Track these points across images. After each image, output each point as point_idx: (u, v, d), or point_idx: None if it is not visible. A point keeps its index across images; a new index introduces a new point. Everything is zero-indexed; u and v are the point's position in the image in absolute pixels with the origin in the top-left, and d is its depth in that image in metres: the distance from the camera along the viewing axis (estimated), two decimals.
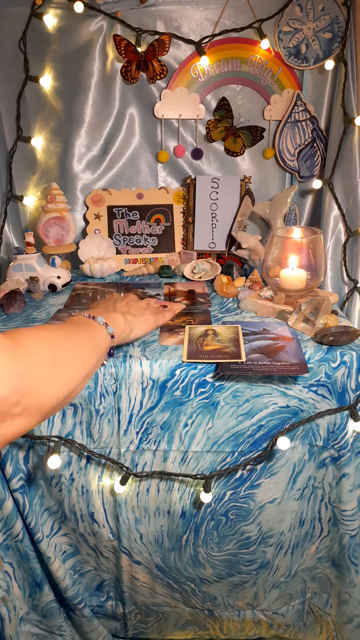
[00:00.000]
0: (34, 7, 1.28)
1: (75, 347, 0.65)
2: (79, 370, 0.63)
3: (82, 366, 0.64)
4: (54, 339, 0.61)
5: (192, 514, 1.03)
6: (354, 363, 0.93)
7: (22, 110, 1.37)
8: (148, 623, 1.19)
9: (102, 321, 0.74)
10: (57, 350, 0.60)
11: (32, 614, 1.12)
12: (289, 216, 1.45)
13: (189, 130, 1.43)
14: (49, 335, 0.61)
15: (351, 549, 1.03)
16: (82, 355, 0.66)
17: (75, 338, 0.67)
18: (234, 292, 1.22)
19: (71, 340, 0.66)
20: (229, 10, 1.32)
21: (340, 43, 1.30)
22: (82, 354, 0.66)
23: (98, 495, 1.02)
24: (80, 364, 0.64)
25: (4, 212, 1.41)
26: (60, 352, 0.60)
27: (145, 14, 1.32)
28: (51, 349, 0.59)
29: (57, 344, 0.61)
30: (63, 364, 0.60)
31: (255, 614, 1.16)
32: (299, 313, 1.03)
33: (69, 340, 0.65)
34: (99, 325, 0.74)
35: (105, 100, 1.38)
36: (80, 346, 0.67)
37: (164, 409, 0.95)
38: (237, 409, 0.95)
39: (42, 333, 0.60)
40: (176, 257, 1.45)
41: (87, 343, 0.69)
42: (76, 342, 0.67)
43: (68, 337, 0.65)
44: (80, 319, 0.74)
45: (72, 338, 0.67)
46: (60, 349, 0.61)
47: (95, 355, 0.69)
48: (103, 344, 0.73)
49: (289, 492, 1.01)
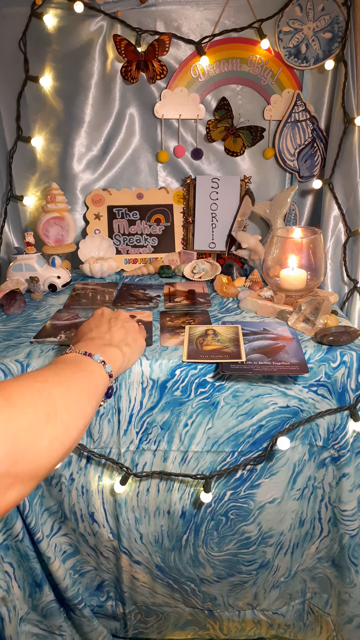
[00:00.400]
0: (34, 7, 1.28)
1: (71, 396, 0.57)
2: (77, 422, 0.56)
3: (80, 417, 0.57)
4: (47, 389, 0.54)
5: (192, 514, 1.03)
6: (354, 363, 0.93)
7: (22, 110, 1.37)
8: (148, 623, 1.19)
9: (100, 359, 0.67)
10: (52, 403, 0.53)
11: (32, 614, 1.12)
12: (289, 216, 1.45)
13: (189, 130, 1.43)
14: (43, 386, 0.53)
15: (351, 549, 1.03)
16: (79, 404, 0.58)
17: (70, 384, 0.59)
18: (234, 292, 1.22)
19: (66, 387, 0.58)
20: (229, 10, 1.32)
21: (340, 43, 1.30)
22: (79, 403, 0.58)
23: (98, 495, 1.02)
24: (78, 415, 0.57)
25: (4, 212, 1.41)
26: (56, 405, 0.53)
27: (145, 14, 1.32)
28: (45, 401, 0.52)
29: (51, 395, 0.53)
30: (59, 419, 0.53)
31: (255, 614, 1.16)
32: (299, 313, 1.03)
33: (64, 388, 0.57)
34: (96, 364, 0.66)
35: (105, 100, 1.38)
36: (76, 394, 0.59)
37: (164, 409, 0.95)
38: (237, 409, 0.95)
39: (36, 384, 0.53)
40: (176, 257, 1.45)
41: (84, 387, 0.61)
42: (72, 390, 0.58)
43: (62, 384, 0.57)
44: (74, 358, 0.65)
45: (67, 384, 0.58)
46: (55, 400, 0.53)
47: (93, 399, 0.62)
48: (101, 385, 0.65)
49: (289, 492, 1.01)
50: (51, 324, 1.08)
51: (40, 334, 1.03)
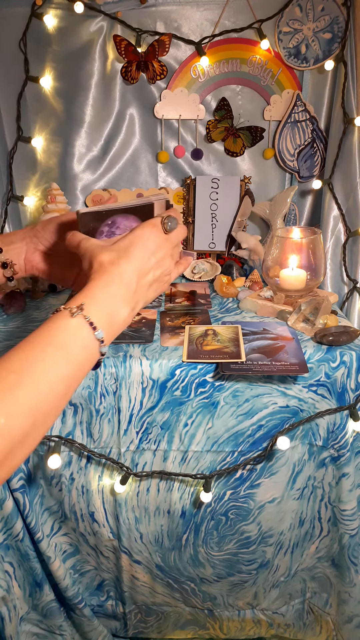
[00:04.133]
0: (34, 7, 1.28)
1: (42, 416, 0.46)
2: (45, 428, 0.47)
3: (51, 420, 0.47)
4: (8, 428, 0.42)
5: (192, 514, 1.03)
6: (353, 363, 0.93)
7: (22, 111, 1.37)
8: (148, 623, 1.19)
9: (101, 336, 0.51)
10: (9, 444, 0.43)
11: (32, 614, 1.12)
12: (288, 216, 1.45)
13: (189, 130, 1.43)
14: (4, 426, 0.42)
15: (351, 549, 1.04)
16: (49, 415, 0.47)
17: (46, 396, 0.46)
18: (234, 292, 1.22)
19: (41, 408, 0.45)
20: (229, 11, 1.32)
21: (340, 43, 1.30)
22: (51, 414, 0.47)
23: (98, 495, 1.02)
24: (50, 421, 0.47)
25: (4, 212, 1.41)
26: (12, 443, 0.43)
27: (145, 14, 1.32)
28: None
29: (11, 435, 0.43)
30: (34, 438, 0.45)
31: (255, 613, 1.16)
32: (299, 313, 1.04)
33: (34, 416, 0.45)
34: (93, 341, 0.50)
35: (105, 101, 1.38)
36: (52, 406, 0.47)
37: (164, 409, 0.95)
38: (237, 409, 0.95)
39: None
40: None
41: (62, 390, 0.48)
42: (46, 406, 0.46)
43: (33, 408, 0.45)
44: (63, 337, 0.49)
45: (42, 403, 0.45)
46: (14, 438, 0.43)
47: (73, 387, 0.49)
48: (87, 366, 0.51)
49: (288, 491, 1.01)
50: None
51: None
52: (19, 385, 0.44)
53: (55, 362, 0.47)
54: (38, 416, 0.45)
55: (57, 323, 0.49)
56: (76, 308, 0.50)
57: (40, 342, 0.48)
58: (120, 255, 0.56)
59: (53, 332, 0.49)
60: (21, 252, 0.68)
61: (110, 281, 0.54)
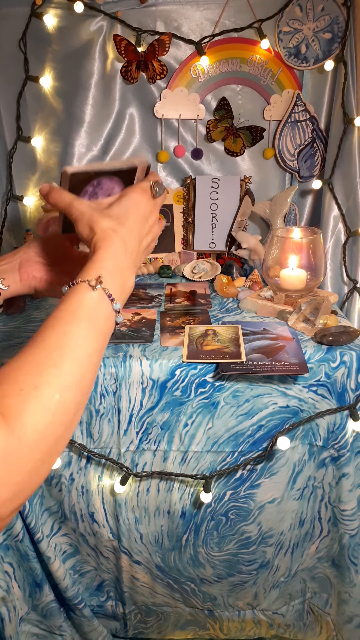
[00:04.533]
0: (34, 7, 1.28)
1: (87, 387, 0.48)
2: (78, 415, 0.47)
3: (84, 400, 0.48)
4: (65, 403, 0.44)
5: (192, 514, 1.03)
6: (353, 363, 0.93)
7: (22, 110, 1.37)
8: (148, 623, 1.19)
9: (118, 308, 0.52)
10: (66, 421, 0.44)
11: (32, 614, 1.12)
12: (289, 216, 1.45)
13: (189, 130, 1.43)
14: (62, 402, 0.43)
15: (351, 549, 1.04)
16: (89, 387, 0.48)
17: (87, 367, 0.47)
18: (234, 292, 1.22)
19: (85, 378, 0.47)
20: (229, 10, 1.32)
21: (340, 43, 1.30)
22: (90, 386, 0.48)
23: (98, 495, 1.02)
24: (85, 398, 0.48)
25: (4, 212, 1.41)
26: (68, 419, 0.44)
27: (145, 14, 1.32)
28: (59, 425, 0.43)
29: (67, 411, 0.44)
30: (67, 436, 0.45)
31: (255, 614, 1.16)
32: (299, 313, 1.03)
33: (82, 384, 0.46)
34: (111, 312, 0.51)
35: (105, 100, 1.38)
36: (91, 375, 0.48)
37: (164, 409, 0.95)
38: (237, 409, 0.95)
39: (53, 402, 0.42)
40: (176, 257, 1.45)
41: (97, 361, 0.49)
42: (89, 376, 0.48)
43: (80, 379, 0.46)
44: (89, 309, 0.49)
45: (85, 373, 0.47)
46: (69, 413, 0.44)
47: (101, 358, 0.51)
48: (108, 338, 0.52)
49: (288, 492, 1.01)
50: None
51: None
52: (64, 360, 0.45)
53: (89, 335, 0.48)
54: (83, 388, 0.46)
55: (79, 296, 0.50)
56: (95, 281, 0.50)
57: (71, 317, 0.48)
58: (120, 222, 0.56)
59: (80, 305, 0.49)
60: (14, 265, 0.68)
61: (118, 250, 0.54)
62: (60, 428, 0.43)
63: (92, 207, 0.57)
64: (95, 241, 0.54)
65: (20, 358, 0.44)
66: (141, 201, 0.59)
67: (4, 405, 0.40)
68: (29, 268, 0.69)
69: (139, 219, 0.58)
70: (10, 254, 0.69)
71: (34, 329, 1.07)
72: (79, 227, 0.57)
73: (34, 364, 0.44)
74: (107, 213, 0.56)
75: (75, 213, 0.57)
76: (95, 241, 0.54)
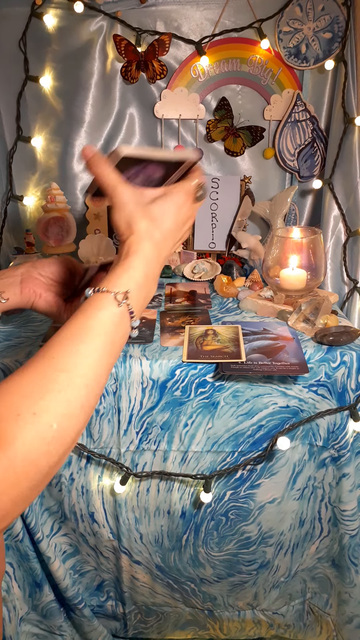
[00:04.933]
0: (34, 7, 1.28)
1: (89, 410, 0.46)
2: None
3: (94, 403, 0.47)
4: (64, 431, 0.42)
5: (192, 514, 1.03)
6: (354, 363, 0.93)
7: (22, 110, 1.37)
8: (148, 623, 1.19)
9: (137, 324, 0.51)
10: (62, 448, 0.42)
11: (32, 614, 1.12)
12: (289, 216, 1.45)
13: (189, 130, 1.43)
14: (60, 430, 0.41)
15: (351, 549, 1.03)
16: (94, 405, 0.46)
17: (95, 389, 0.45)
18: (234, 292, 1.22)
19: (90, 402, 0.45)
20: (229, 10, 1.32)
21: (340, 43, 1.30)
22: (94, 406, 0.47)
23: (98, 495, 1.02)
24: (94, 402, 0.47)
25: (4, 212, 1.41)
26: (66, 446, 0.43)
27: (145, 14, 1.32)
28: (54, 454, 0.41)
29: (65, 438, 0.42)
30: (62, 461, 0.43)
31: (255, 614, 1.16)
32: (299, 313, 1.03)
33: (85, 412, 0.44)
34: (128, 329, 0.50)
35: (105, 100, 1.38)
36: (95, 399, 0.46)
37: (164, 409, 0.95)
38: (237, 409, 0.95)
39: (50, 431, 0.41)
40: (176, 257, 1.45)
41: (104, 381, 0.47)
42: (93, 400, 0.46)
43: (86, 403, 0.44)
44: (110, 328, 0.47)
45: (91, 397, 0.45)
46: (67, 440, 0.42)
47: (106, 381, 0.49)
48: (120, 351, 0.51)
49: (289, 492, 1.01)
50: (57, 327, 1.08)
51: (48, 336, 1.04)
52: (70, 385, 0.42)
53: (103, 355, 0.46)
54: (86, 413, 0.44)
55: (101, 310, 0.47)
56: (122, 295, 0.48)
57: (88, 334, 0.46)
58: (157, 226, 0.54)
59: (99, 322, 0.47)
60: (16, 279, 0.68)
61: (149, 258, 0.52)
62: (55, 457, 0.41)
63: (135, 199, 0.54)
64: (130, 243, 0.52)
65: (24, 374, 0.42)
66: (183, 206, 0.57)
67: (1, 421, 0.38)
68: (31, 283, 0.69)
69: (176, 225, 0.56)
70: (13, 269, 0.70)
71: (34, 329, 1.07)
72: (116, 217, 0.54)
73: (38, 386, 0.41)
74: (147, 212, 0.54)
75: (117, 200, 0.54)
76: (130, 243, 0.52)
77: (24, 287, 0.68)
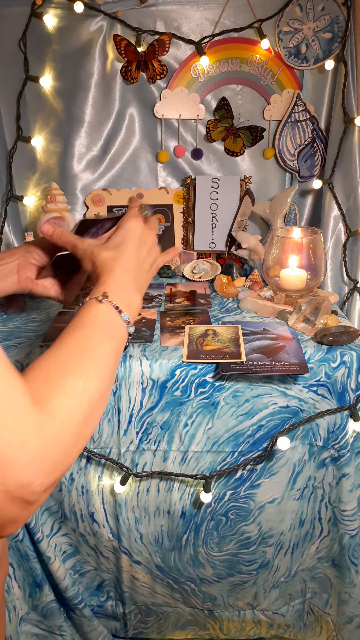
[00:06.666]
0: (34, 7, 1.28)
1: (107, 381, 0.52)
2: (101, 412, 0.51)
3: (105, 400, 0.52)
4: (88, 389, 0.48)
5: (192, 514, 1.03)
6: (354, 363, 0.93)
7: (22, 110, 1.37)
8: (148, 623, 1.19)
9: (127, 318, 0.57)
10: (90, 405, 0.48)
11: (32, 614, 1.12)
12: (289, 216, 1.45)
13: (189, 130, 1.43)
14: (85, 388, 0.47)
15: (351, 549, 1.03)
16: (109, 383, 0.52)
17: (104, 364, 0.51)
18: (234, 292, 1.22)
19: (103, 372, 0.51)
20: (229, 10, 1.32)
21: (340, 43, 1.30)
22: (110, 382, 0.53)
23: (98, 495, 1.02)
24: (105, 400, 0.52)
25: (4, 212, 1.41)
26: (93, 404, 0.48)
27: (145, 14, 1.32)
28: (85, 407, 0.47)
29: (91, 396, 0.48)
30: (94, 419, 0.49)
31: (255, 614, 1.16)
32: (299, 313, 1.03)
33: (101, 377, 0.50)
34: (121, 323, 0.56)
35: (105, 100, 1.38)
36: (110, 373, 0.52)
37: (164, 409, 0.95)
38: (237, 409, 0.95)
39: (78, 388, 0.47)
40: (176, 257, 1.45)
41: (113, 361, 0.53)
42: (107, 372, 0.52)
43: (99, 373, 0.50)
44: (104, 318, 0.55)
45: (103, 368, 0.51)
46: (93, 399, 0.48)
47: (118, 362, 0.55)
48: (122, 344, 0.57)
49: (289, 492, 1.01)
50: (57, 327, 1.08)
51: (48, 336, 1.04)
52: (83, 356, 0.50)
53: (104, 338, 0.53)
54: (104, 380, 0.51)
55: (91, 310, 0.55)
56: (101, 296, 0.56)
57: (86, 324, 0.54)
58: (118, 251, 0.62)
59: (91, 317, 0.54)
60: (13, 267, 0.72)
61: (119, 275, 0.60)
62: (86, 410, 0.47)
63: (95, 244, 0.63)
64: (98, 272, 0.60)
65: (45, 357, 0.49)
66: (136, 227, 0.65)
67: (36, 391, 0.43)
68: (27, 271, 0.73)
69: (136, 244, 0.64)
70: (9, 253, 0.73)
71: (34, 329, 1.07)
72: (83, 263, 0.63)
73: (59, 360, 0.49)
74: (106, 246, 0.63)
75: (79, 252, 0.63)
76: (98, 272, 0.60)
77: (20, 276, 0.72)
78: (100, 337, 0.53)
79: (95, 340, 0.52)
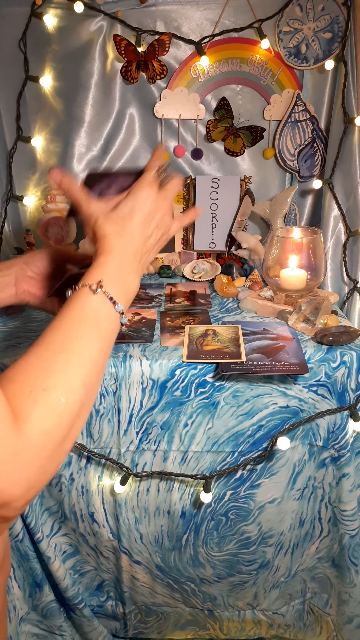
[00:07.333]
0: (34, 7, 1.28)
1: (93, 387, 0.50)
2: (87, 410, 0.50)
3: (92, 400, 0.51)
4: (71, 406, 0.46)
5: (192, 514, 1.03)
6: (354, 363, 0.93)
7: (22, 110, 1.37)
8: (148, 623, 1.19)
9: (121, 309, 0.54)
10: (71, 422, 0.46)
11: (32, 614, 1.12)
12: (289, 216, 1.45)
13: (189, 130, 1.43)
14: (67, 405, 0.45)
15: (351, 549, 1.03)
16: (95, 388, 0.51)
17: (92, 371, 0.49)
18: (234, 292, 1.22)
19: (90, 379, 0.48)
20: (229, 10, 1.32)
21: (340, 43, 1.30)
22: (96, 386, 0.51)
23: (98, 495, 1.02)
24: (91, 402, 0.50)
25: (4, 212, 1.41)
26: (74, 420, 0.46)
27: (145, 14, 1.32)
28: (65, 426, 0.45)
29: (73, 413, 0.46)
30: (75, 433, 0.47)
31: (255, 614, 1.16)
32: (299, 313, 1.03)
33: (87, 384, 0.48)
34: (115, 314, 0.53)
35: (105, 100, 1.38)
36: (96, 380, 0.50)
37: (164, 409, 0.95)
38: (237, 409, 0.95)
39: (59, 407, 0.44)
40: (176, 257, 1.45)
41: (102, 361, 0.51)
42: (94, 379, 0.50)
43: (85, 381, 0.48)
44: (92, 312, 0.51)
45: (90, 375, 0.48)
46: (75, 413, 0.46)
47: (107, 358, 0.53)
48: (114, 337, 0.54)
49: (289, 492, 1.01)
50: None
51: None
52: (68, 363, 0.47)
53: (92, 338, 0.50)
54: (88, 390, 0.48)
55: (81, 300, 0.52)
56: (96, 285, 0.52)
57: (75, 320, 0.50)
58: (123, 225, 0.57)
59: (82, 309, 0.51)
60: (11, 280, 0.70)
61: (120, 254, 0.56)
62: (66, 429, 0.45)
63: (99, 210, 0.58)
64: (98, 246, 0.56)
65: (27, 359, 0.46)
66: (148, 198, 0.58)
67: (14, 404, 0.42)
68: (25, 284, 0.71)
69: (144, 218, 0.58)
70: (7, 265, 0.72)
71: (33, 329, 1.07)
72: (86, 229, 0.59)
73: (41, 367, 0.46)
74: (112, 217, 0.58)
75: (84, 215, 0.59)
76: (98, 246, 0.56)
77: (18, 288, 0.71)
78: (89, 336, 0.50)
79: (84, 341, 0.49)
